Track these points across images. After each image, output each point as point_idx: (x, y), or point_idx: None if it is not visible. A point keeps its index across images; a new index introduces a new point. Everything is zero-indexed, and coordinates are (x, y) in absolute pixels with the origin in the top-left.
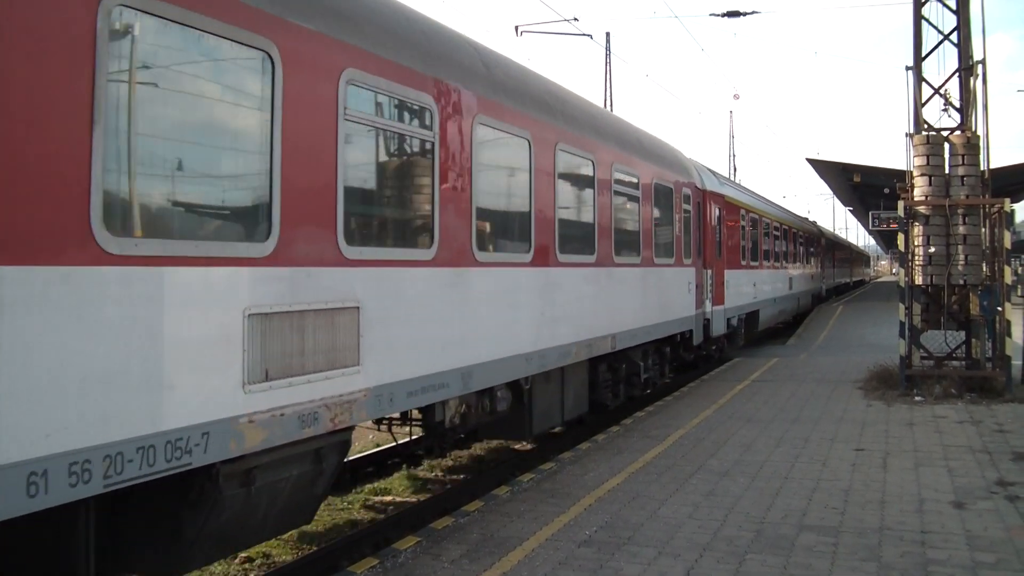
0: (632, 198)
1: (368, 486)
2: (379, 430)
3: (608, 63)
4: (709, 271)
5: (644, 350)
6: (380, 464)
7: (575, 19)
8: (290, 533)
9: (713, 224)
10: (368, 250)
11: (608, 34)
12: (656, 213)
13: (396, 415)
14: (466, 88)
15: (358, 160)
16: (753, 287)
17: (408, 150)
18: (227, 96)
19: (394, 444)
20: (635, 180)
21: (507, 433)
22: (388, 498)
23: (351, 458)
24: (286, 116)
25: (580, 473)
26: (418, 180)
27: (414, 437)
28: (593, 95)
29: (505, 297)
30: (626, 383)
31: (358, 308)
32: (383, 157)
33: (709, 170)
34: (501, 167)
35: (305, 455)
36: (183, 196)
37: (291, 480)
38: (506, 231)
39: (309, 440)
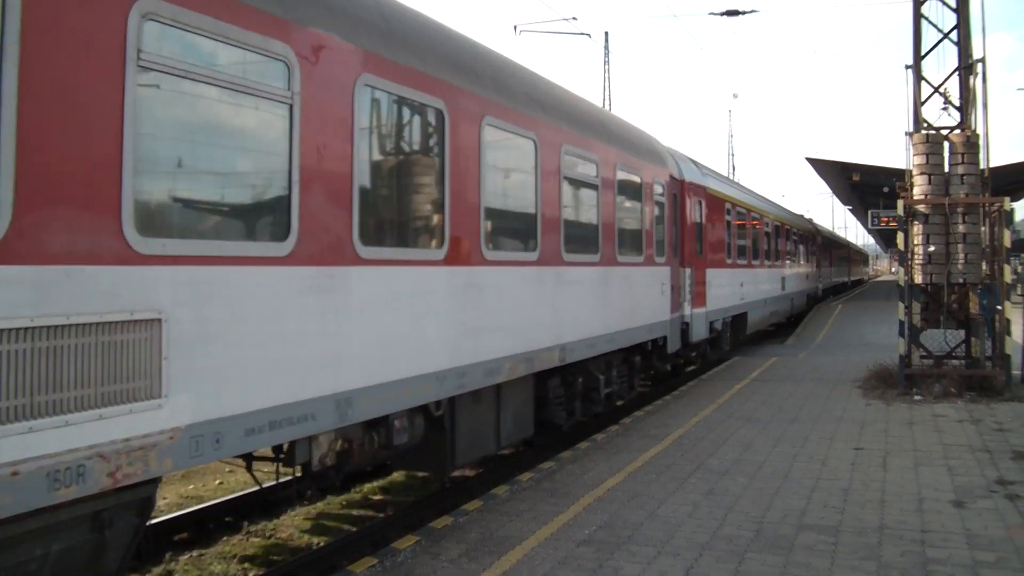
0: (589, 186)
1: (367, 485)
2: (248, 470)
3: (607, 62)
4: (688, 270)
5: (607, 360)
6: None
7: (574, 18)
8: (289, 533)
9: (693, 219)
10: (179, 243)
11: (607, 33)
12: (621, 205)
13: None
14: (346, 39)
15: (162, 122)
16: (740, 287)
17: (249, 112)
18: None
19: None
20: (593, 166)
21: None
22: (387, 497)
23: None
24: (29, 55)
25: (579, 472)
26: (265, 152)
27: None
28: (592, 95)
29: (405, 303)
30: (584, 399)
31: (160, 321)
32: (205, 119)
33: (690, 160)
34: (402, 142)
35: (74, 523)
36: None
37: (51, 558)
38: (409, 221)
39: (77, 503)
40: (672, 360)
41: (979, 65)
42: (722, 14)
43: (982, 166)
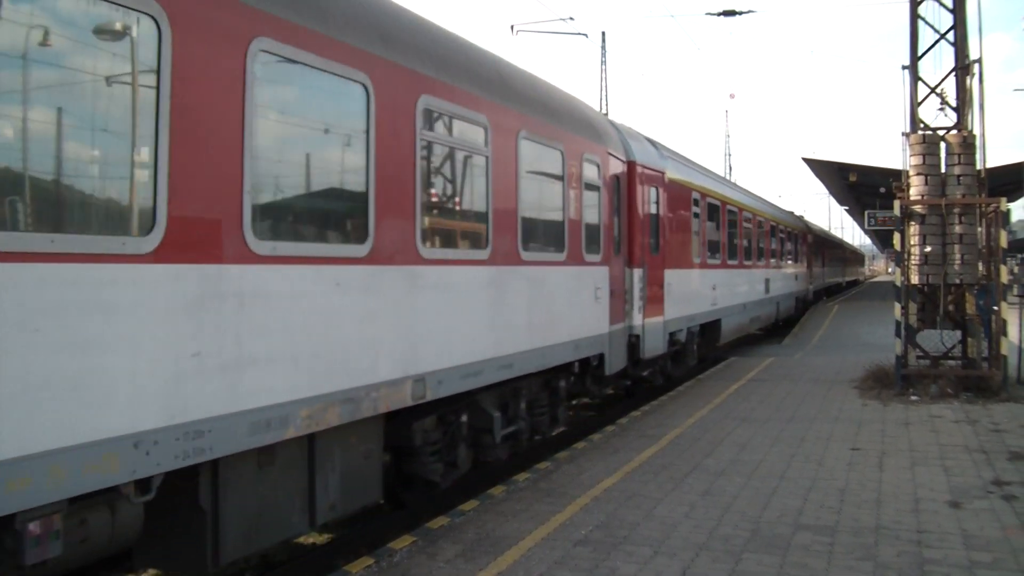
0: (472, 157)
1: None
2: None
3: (604, 63)
4: (638, 271)
5: (514, 389)
6: None
7: (571, 18)
8: None
9: (647, 210)
10: None
11: (604, 33)
12: (529, 186)
13: None
14: None
15: None
16: (712, 291)
17: None
18: None
19: None
20: (480, 131)
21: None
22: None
23: None
24: None
25: (576, 472)
26: None
27: None
28: (589, 95)
29: (51, 327)
30: (473, 444)
31: None
32: None
33: (646, 139)
34: (60, 53)
35: None
36: None
37: None
38: (65, 188)
39: None
40: (613, 382)
41: (976, 66)
42: (719, 14)
43: (979, 167)
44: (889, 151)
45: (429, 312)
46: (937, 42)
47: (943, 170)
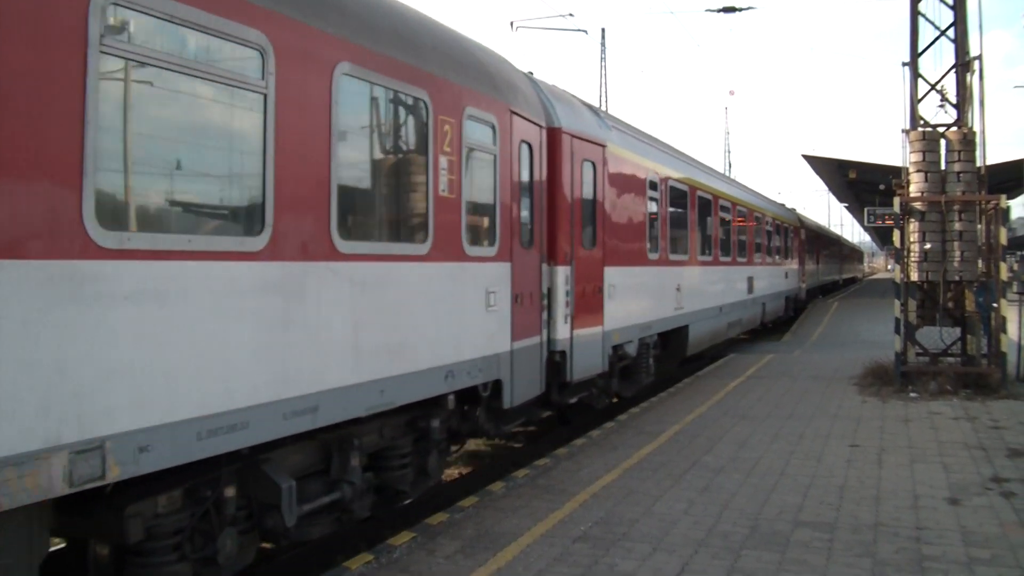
0: (234, 91)
1: None
2: None
3: (603, 59)
4: (563, 270)
5: (341, 438)
6: None
7: (570, 15)
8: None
9: (578, 192)
10: None
11: (603, 30)
12: (357, 146)
13: None
14: None
15: None
16: (676, 292)
17: None
18: None
19: None
20: (250, 53)
21: None
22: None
23: None
24: None
25: (575, 469)
26: None
27: None
28: (588, 92)
29: None
30: (258, 526)
31: None
32: None
33: (582, 104)
34: None
35: None
36: None
37: None
38: None
39: None
40: (524, 416)
41: (976, 62)
42: (719, 11)
43: (979, 163)
44: (889, 148)
45: (123, 337)
46: (937, 39)
47: (943, 167)
